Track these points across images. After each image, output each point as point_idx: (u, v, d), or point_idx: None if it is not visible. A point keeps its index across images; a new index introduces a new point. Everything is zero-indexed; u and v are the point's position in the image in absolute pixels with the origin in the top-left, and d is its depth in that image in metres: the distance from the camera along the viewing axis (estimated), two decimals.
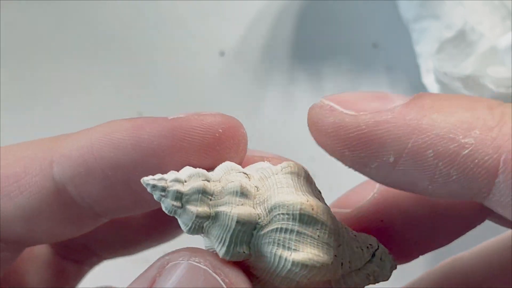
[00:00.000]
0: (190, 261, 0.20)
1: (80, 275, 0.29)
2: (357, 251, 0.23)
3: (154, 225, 0.28)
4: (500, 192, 0.19)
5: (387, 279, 0.24)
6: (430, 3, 0.37)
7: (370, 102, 0.20)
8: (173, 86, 0.40)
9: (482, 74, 0.35)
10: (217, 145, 0.21)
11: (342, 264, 0.23)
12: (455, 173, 0.19)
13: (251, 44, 0.41)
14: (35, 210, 0.22)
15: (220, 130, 0.22)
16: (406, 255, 0.25)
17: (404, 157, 0.20)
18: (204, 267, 0.20)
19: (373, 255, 0.24)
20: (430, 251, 0.25)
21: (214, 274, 0.20)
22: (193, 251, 0.20)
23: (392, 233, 0.24)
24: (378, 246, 0.24)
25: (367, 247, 0.24)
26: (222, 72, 0.41)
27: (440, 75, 0.35)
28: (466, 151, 0.19)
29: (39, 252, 0.28)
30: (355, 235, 0.24)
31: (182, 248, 0.20)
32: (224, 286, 0.19)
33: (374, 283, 0.24)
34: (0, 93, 0.42)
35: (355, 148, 0.20)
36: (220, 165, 0.22)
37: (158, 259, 0.21)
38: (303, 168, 0.23)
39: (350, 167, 0.21)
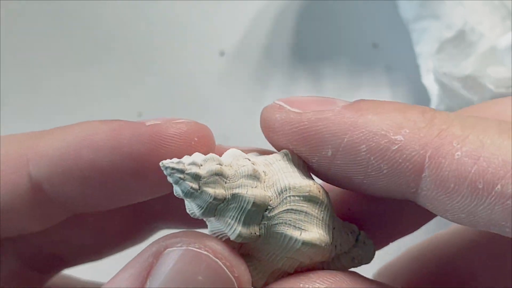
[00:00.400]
0: (189, 247, 0.20)
1: (43, 283, 0.28)
2: (344, 235, 0.25)
3: (124, 229, 0.28)
4: (427, 186, 0.20)
5: (369, 262, 0.26)
6: (430, 3, 0.37)
7: (315, 104, 0.22)
8: (173, 86, 0.40)
9: (482, 74, 0.35)
10: (191, 152, 0.22)
11: (335, 246, 0.24)
12: (386, 167, 0.21)
13: (251, 44, 0.41)
14: (8, 206, 0.22)
15: (196, 139, 0.22)
16: (376, 241, 0.26)
17: (341, 151, 0.21)
18: (205, 252, 0.20)
19: (357, 239, 0.25)
20: (399, 237, 0.27)
21: (216, 259, 0.20)
22: (190, 235, 0.20)
23: (360, 221, 0.25)
24: (359, 231, 0.25)
25: (351, 232, 0.25)
26: (222, 72, 0.41)
27: (439, 75, 0.35)
28: (396, 146, 0.20)
29: (6, 264, 0.27)
30: (339, 220, 0.25)
31: (177, 233, 0.20)
32: (228, 271, 0.20)
33: (358, 266, 0.25)
34: (0, 93, 0.42)
35: (298, 142, 0.22)
36: (227, 152, 0.23)
37: (152, 244, 0.20)
38: (301, 159, 0.24)
39: None
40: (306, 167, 0.24)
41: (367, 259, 0.26)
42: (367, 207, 0.26)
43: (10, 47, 0.41)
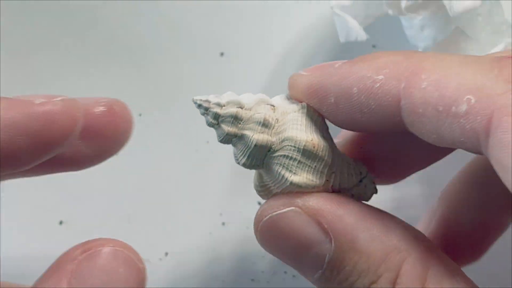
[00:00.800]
0: (109, 247, 0.26)
1: None
2: (347, 176, 0.30)
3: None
4: (405, 114, 0.24)
5: (368, 201, 0.31)
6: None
7: (325, 66, 0.28)
8: (173, 86, 0.40)
9: None
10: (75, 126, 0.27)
11: (332, 186, 0.30)
12: (373, 103, 0.25)
13: (251, 45, 0.41)
14: None
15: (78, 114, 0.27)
16: (388, 176, 0.32)
17: (340, 97, 0.26)
18: (121, 249, 0.26)
19: (361, 180, 0.31)
20: (413, 172, 0.32)
21: (129, 254, 0.26)
22: (106, 240, 0.26)
23: (372, 159, 0.30)
24: (367, 174, 0.31)
25: (358, 174, 0.30)
26: (222, 72, 0.40)
27: None
28: (378, 84, 0.25)
29: None
30: (349, 163, 0.30)
31: (95, 239, 0.26)
32: (138, 263, 0.26)
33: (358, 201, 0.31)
34: (0, 93, 0.41)
35: (310, 96, 0.28)
36: (255, 96, 0.30)
37: (74, 248, 0.27)
38: (319, 113, 0.30)
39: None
40: (321, 121, 0.30)
41: (365, 198, 0.31)
42: (376, 145, 0.31)
43: (9, 47, 0.41)
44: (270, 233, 0.30)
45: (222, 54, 0.40)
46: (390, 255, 0.26)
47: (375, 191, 0.32)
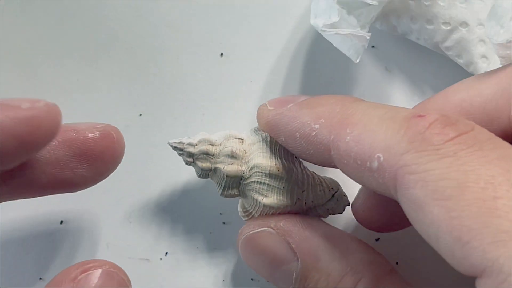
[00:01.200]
0: (104, 268, 0.28)
1: None
2: (320, 193, 0.33)
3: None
4: (335, 162, 0.26)
5: (341, 213, 0.35)
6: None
7: (284, 102, 0.30)
8: (174, 86, 0.40)
9: None
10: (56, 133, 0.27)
11: (305, 203, 0.33)
12: (311, 149, 0.28)
13: (250, 45, 0.40)
14: None
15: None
16: (390, 228, 0.34)
17: (287, 138, 0.29)
18: (115, 270, 0.29)
19: (333, 195, 0.34)
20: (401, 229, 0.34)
21: (121, 276, 0.29)
22: (99, 262, 0.29)
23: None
24: (338, 189, 0.34)
25: (329, 189, 0.33)
26: (222, 72, 0.40)
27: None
28: (314, 133, 0.27)
29: None
30: (320, 181, 0.33)
31: (89, 261, 0.29)
32: (127, 282, 0.29)
33: (333, 214, 0.35)
34: (0, 93, 0.41)
35: (268, 130, 0.31)
36: (224, 132, 0.33)
37: (70, 270, 0.28)
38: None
39: None
40: (282, 148, 0.32)
41: (338, 210, 0.34)
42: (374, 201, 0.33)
43: (9, 47, 0.41)
44: (247, 250, 0.32)
45: (222, 54, 0.40)
46: (346, 276, 0.28)
47: (348, 204, 0.35)
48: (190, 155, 0.34)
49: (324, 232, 0.31)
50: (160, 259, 0.38)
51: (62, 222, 0.39)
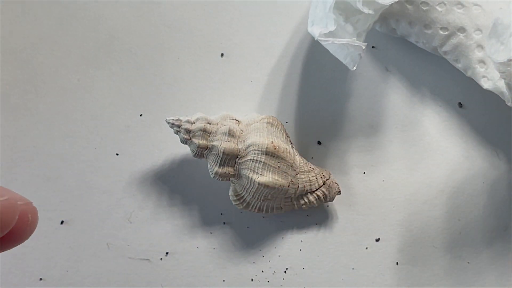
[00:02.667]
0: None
1: None
2: (312, 178, 0.34)
3: None
4: None
5: (332, 201, 0.36)
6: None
7: None
8: (174, 87, 0.40)
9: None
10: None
11: (298, 187, 0.34)
12: None
13: (250, 46, 0.40)
14: None
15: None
16: None
17: None
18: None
19: (324, 182, 0.35)
20: None
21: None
22: None
23: None
24: (329, 177, 0.35)
25: (321, 177, 0.35)
26: (223, 72, 0.40)
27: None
28: None
29: None
30: (312, 168, 0.34)
31: None
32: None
33: (324, 202, 0.36)
34: (0, 94, 0.41)
35: None
36: (220, 113, 0.34)
37: None
38: (279, 121, 0.34)
39: None
40: (281, 129, 0.34)
41: (330, 198, 0.35)
42: None
43: (11, 48, 0.41)
44: None
45: (222, 55, 0.40)
46: None
47: (339, 191, 0.36)
48: (187, 131, 0.34)
49: None
50: (161, 259, 0.38)
51: (62, 222, 0.39)
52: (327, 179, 0.36)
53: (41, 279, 0.38)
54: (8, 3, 0.41)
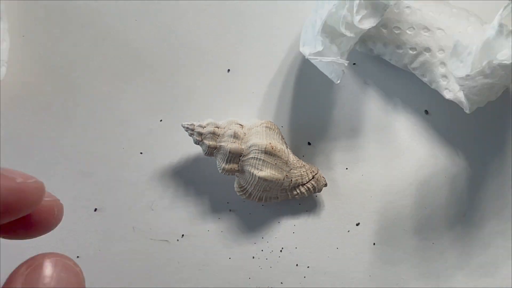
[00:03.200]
0: (57, 259, 0.25)
1: None
2: (303, 173, 0.36)
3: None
4: None
5: (320, 192, 0.37)
6: None
7: None
8: (189, 97, 0.40)
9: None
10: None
11: (291, 180, 0.35)
12: None
13: (254, 62, 0.40)
14: None
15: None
16: None
17: None
18: (63, 259, 0.25)
19: (313, 176, 0.36)
20: None
21: (68, 262, 0.25)
22: (52, 254, 0.25)
23: None
24: (318, 172, 0.36)
25: (311, 172, 0.36)
26: (229, 86, 0.40)
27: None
28: None
29: None
30: (303, 165, 0.36)
31: (40, 254, 0.25)
32: (77, 268, 0.25)
33: (313, 193, 0.37)
34: (44, 103, 0.40)
35: None
36: (227, 119, 0.35)
37: (21, 264, 0.25)
38: (276, 125, 0.36)
39: None
40: (278, 132, 0.35)
41: (318, 190, 0.37)
42: None
43: (54, 64, 0.40)
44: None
45: (228, 70, 0.40)
46: None
47: (325, 184, 0.37)
48: (200, 134, 0.35)
49: None
50: (177, 240, 0.38)
51: (95, 209, 0.39)
52: (315, 174, 0.37)
53: (78, 256, 0.39)
54: (50, 28, 0.41)
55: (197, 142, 0.35)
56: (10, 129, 0.40)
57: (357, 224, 0.39)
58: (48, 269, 0.26)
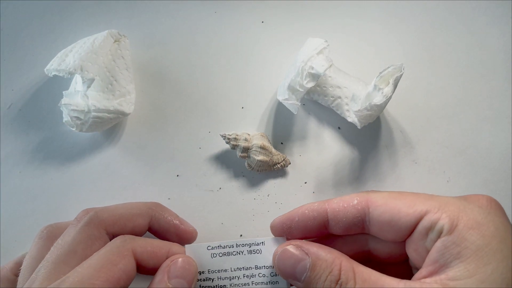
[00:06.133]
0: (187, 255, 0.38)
1: None
2: (279, 157, 0.54)
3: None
4: (369, 222, 0.35)
5: (287, 167, 0.55)
6: None
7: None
8: (222, 123, 0.58)
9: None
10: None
11: (273, 161, 0.53)
12: (345, 218, 0.37)
13: (265, 100, 0.58)
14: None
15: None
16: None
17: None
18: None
19: (284, 159, 0.55)
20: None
21: (193, 262, 0.38)
22: (182, 255, 0.39)
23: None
24: (285, 157, 0.55)
25: (282, 157, 0.55)
26: (243, 120, 0.58)
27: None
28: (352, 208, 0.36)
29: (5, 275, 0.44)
30: (278, 153, 0.54)
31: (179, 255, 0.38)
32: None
33: (284, 167, 0.55)
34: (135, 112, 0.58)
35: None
36: (254, 134, 0.53)
37: (169, 259, 0.38)
38: (266, 134, 0.54)
39: None
40: (267, 138, 0.51)
41: (286, 166, 0.55)
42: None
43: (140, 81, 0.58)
44: (281, 259, 0.38)
45: (243, 107, 0.58)
46: (335, 259, 0.35)
47: (290, 163, 0.54)
48: (235, 146, 0.54)
49: (319, 245, 0.37)
50: (218, 189, 0.57)
51: (178, 175, 0.58)
52: (285, 158, 0.55)
53: (169, 198, 0.57)
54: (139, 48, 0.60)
55: (231, 147, 0.54)
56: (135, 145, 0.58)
57: (305, 182, 0.58)
58: (180, 263, 0.37)
